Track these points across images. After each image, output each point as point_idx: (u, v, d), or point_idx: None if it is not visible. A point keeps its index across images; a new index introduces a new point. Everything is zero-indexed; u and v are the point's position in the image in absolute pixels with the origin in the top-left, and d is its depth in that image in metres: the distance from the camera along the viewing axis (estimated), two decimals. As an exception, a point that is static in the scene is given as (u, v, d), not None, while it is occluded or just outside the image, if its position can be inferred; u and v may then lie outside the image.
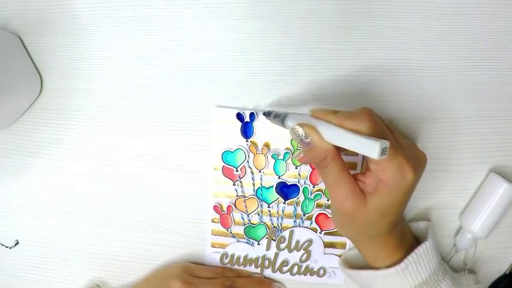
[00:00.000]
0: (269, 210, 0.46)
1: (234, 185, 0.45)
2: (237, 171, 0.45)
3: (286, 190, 0.45)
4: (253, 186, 0.45)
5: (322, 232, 0.46)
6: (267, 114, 0.41)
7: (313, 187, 0.44)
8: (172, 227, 0.47)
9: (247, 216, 0.46)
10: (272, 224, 0.46)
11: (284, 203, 0.45)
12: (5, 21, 0.45)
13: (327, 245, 0.46)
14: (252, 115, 0.43)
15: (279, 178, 0.45)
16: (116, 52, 0.44)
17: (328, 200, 0.45)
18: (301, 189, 0.45)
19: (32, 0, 0.44)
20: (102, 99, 0.45)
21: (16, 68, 0.43)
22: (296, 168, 0.44)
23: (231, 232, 0.46)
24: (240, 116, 0.43)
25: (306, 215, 0.45)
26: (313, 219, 0.45)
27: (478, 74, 0.42)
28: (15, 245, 0.50)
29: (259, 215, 0.46)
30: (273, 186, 0.45)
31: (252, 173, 0.45)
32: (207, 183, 0.45)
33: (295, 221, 0.46)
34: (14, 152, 0.48)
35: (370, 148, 0.30)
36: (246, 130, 0.44)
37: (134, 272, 0.49)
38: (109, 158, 0.46)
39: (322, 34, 0.42)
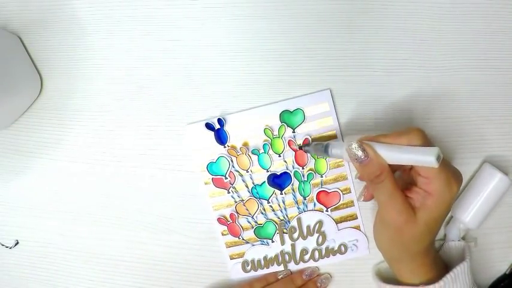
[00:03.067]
0: (270, 206, 0.46)
1: (229, 192, 0.45)
2: (226, 178, 0.45)
3: (278, 180, 0.45)
4: (247, 187, 0.45)
5: (329, 210, 0.45)
6: (304, 145, 0.43)
7: (303, 168, 0.44)
8: (172, 227, 0.47)
9: (252, 218, 0.46)
10: (278, 218, 0.46)
11: (281, 193, 0.45)
12: (5, 21, 0.45)
13: (338, 220, 0.46)
14: (220, 121, 0.43)
15: (267, 171, 0.45)
16: (115, 52, 0.44)
17: (322, 177, 0.45)
18: (292, 174, 0.44)
19: (32, 0, 0.44)
20: (102, 99, 0.45)
21: (16, 68, 0.43)
22: (279, 156, 0.44)
23: (243, 239, 0.46)
24: (209, 126, 0.44)
25: (307, 198, 0.45)
26: (315, 199, 0.45)
27: (478, 74, 0.42)
28: (15, 245, 0.50)
29: (262, 213, 0.46)
30: (265, 182, 0.45)
31: (241, 175, 0.45)
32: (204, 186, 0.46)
33: (298, 208, 0.45)
34: (14, 152, 0.48)
35: (429, 155, 0.32)
36: (220, 137, 0.44)
37: (134, 272, 0.49)
38: (108, 158, 0.46)
39: (322, 34, 0.42)
